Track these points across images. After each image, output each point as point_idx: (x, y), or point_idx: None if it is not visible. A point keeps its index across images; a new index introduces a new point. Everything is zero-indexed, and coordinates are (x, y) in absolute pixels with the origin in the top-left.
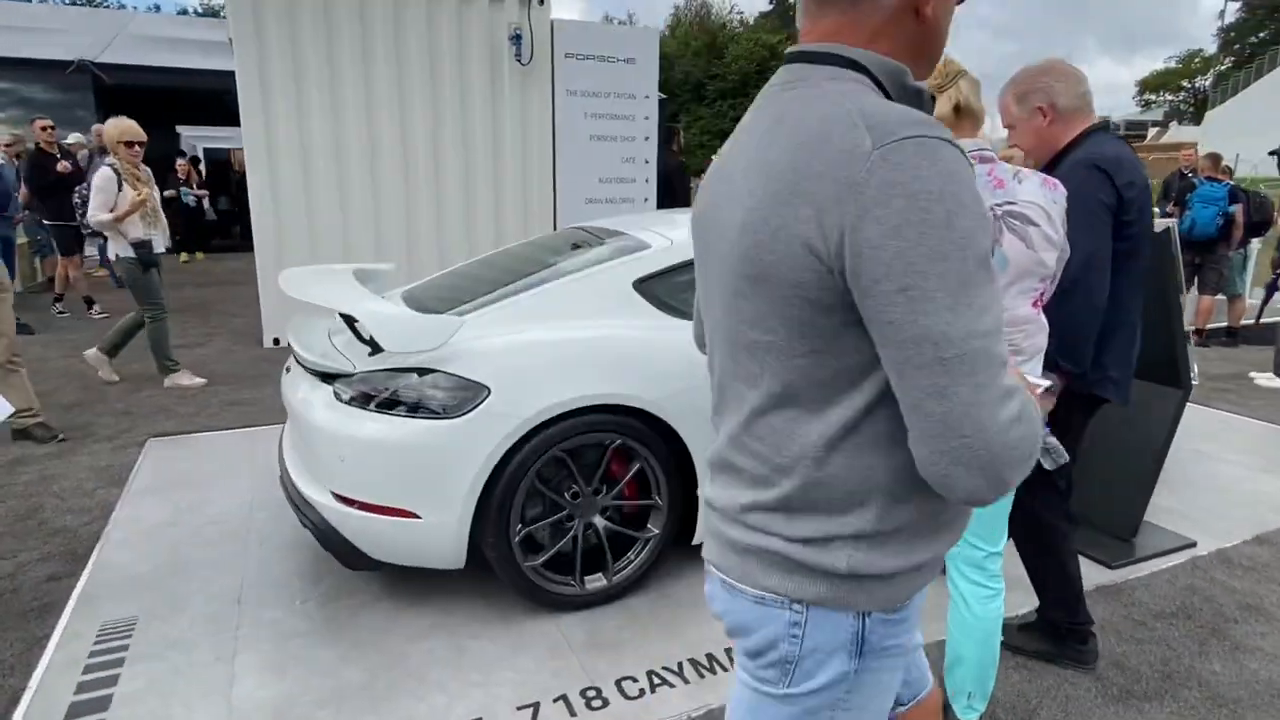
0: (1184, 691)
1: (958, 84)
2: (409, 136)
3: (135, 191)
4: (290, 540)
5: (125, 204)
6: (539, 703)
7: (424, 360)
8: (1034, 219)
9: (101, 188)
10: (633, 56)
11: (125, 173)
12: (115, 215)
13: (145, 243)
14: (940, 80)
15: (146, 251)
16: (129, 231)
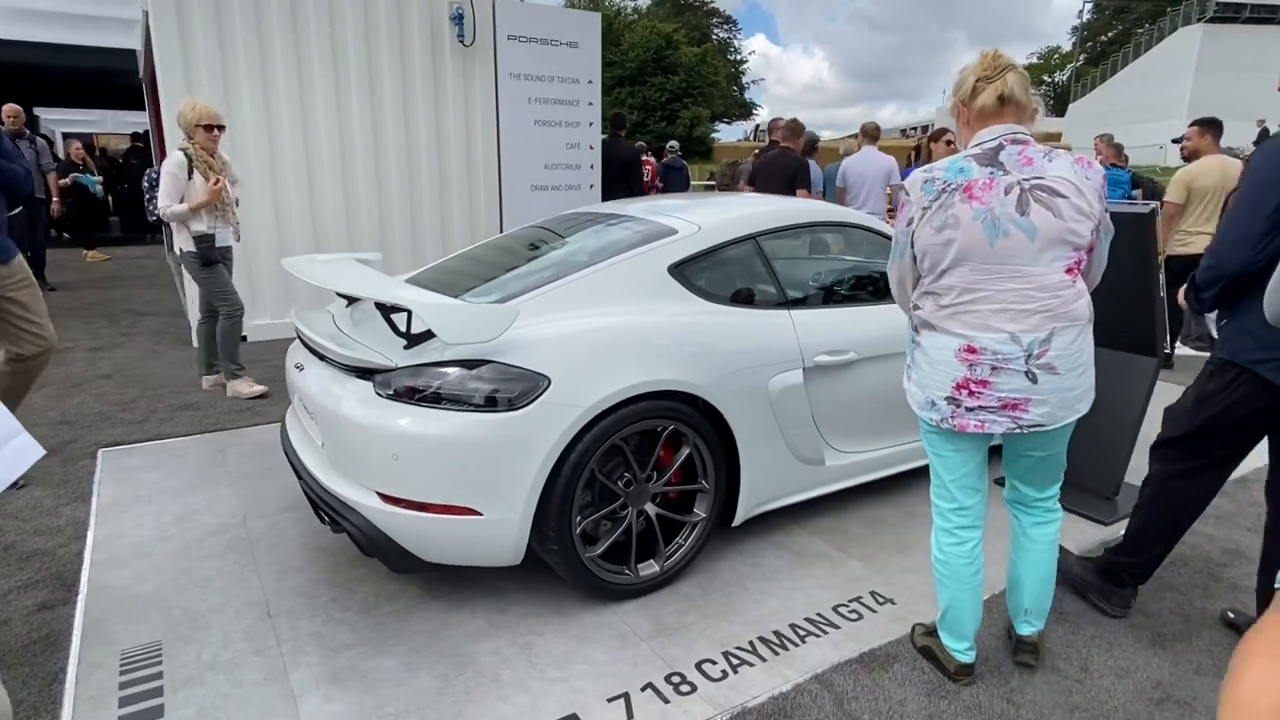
0: (1206, 631)
1: (1004, 77)
2: (345, 120)
3: (207, 180)
4: (302, 547)
5: (196, 193)
6: (628, 693)
7: (479, 351)
8: (1062, 191)
9: (172, 174)
10: (575, 40)
11: (198, 159)
12: (190, 206)
13: (207, 236)
14: (989, 73)
15: (207, 246)
16: (192, 224)
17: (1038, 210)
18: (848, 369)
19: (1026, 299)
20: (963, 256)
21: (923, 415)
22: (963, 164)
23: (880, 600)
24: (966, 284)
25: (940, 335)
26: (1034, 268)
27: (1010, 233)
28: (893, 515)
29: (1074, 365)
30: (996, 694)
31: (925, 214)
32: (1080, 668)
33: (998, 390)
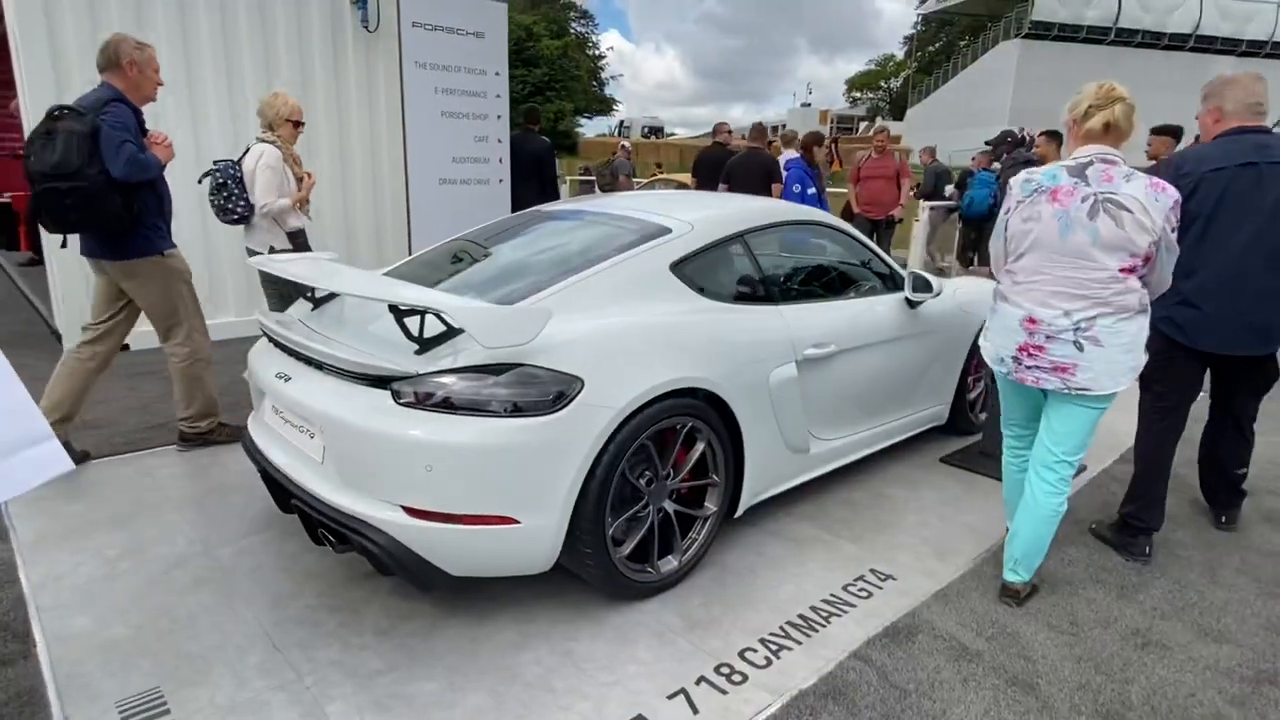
0: (1157, 581)
1: (1113, 107)
2: (238, 108)
3: (294, 174)
4: (285, 573)
5: (291, 188)
6: (685, 689)
7: (510, 354)
8: (1129, 207)
9: (275, 169)
10: (481, 30)
11: (286, 154)
12: (295, 199)
13: (301, 231)
14: (1101, 102)
15: (303, 240)
16: (289, 220)
17: (1103, 219)
18: (829, 360)
19: (1080, 285)
20: (1037, 244)
21: (994, 367)
22: (1056, 171)
23: (882, 577)
24: (1035, 267)
25: (1010, 306)
26: (1091, 263)
27: (1077, 232)
28: (865, 498)
29: (1117, 342)
30: (1013, 653)
31: (1019, 206)
32: (1070, 623)
33: (1050, 355)
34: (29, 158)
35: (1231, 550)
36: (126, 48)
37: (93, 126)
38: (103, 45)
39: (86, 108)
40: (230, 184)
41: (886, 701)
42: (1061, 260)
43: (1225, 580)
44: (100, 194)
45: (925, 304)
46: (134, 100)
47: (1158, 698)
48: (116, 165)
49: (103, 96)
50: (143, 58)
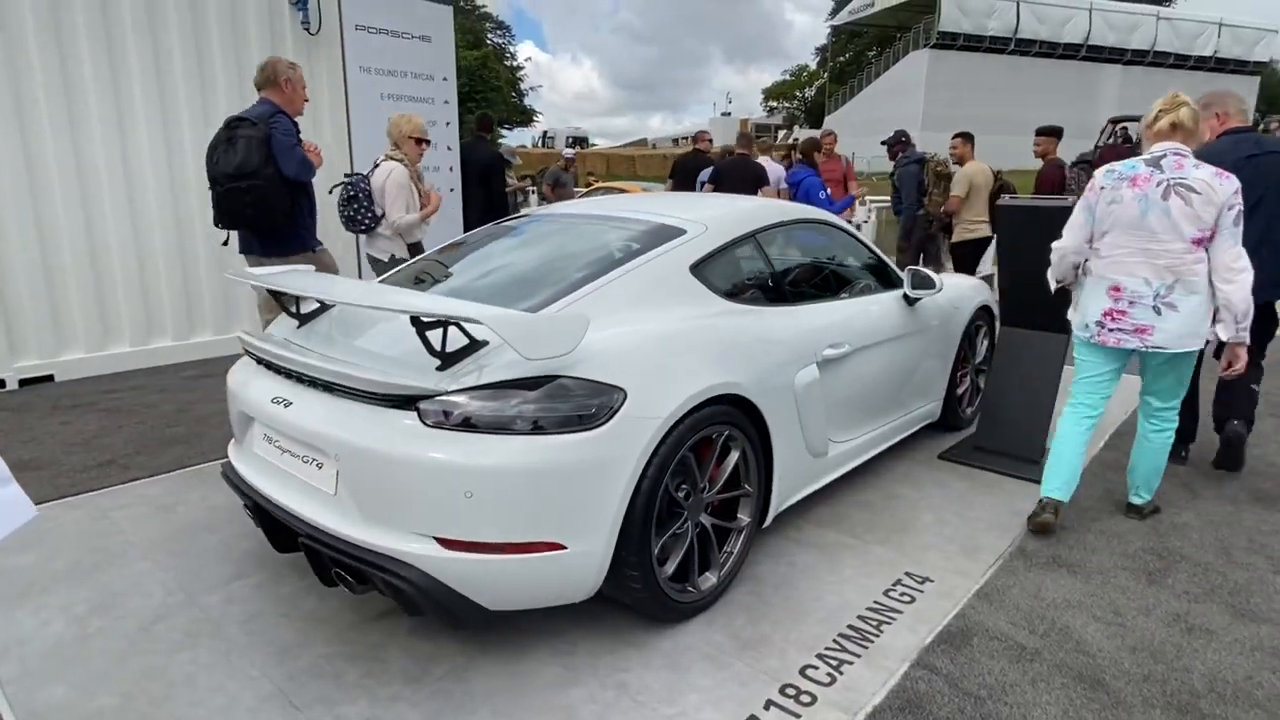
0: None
1: (1178, 110)
2: (170, 114)
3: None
4: (285, 620)
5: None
6: (754, 716)
7: (550, 366)
8: (1197, 190)
9: (405, 185)
10: (428, 34)
11: (411, 171)
12: (422, 215)
13: (419, 244)
14: (1169, 107)
15: (420, 252)
16: (414, 234)
17: (1175, 200)
18: (843, 361)
19: (1158, 256)
20: (1119, 223)
21: (1079, 333)
22: (1135, 163)
23: (919, 580)
24: (1118, 242)
25: (1097, 278)
26: (1166, 235)
27: (1153, 211)
28: (878, 499)
29: (1188, 309)
30: (1070, 649)
31: (1104, 192)
32: (1114, 613)
33: (1132, 319)
34: (214, 162)
35: (1235, 531)
36: (282, 67)
37: (265, 133)
38: (261, 65)
39: (256, 118)
40: (360, 197)
41: (965, 711)
42: (1140, 235)
43: (1241, 560)
44: (273, 192)
45: (921, 301)
46: (289, 112)
47: (1219, 683)
48: (290, 165)
49: (266, 110)
50: (295, 76)
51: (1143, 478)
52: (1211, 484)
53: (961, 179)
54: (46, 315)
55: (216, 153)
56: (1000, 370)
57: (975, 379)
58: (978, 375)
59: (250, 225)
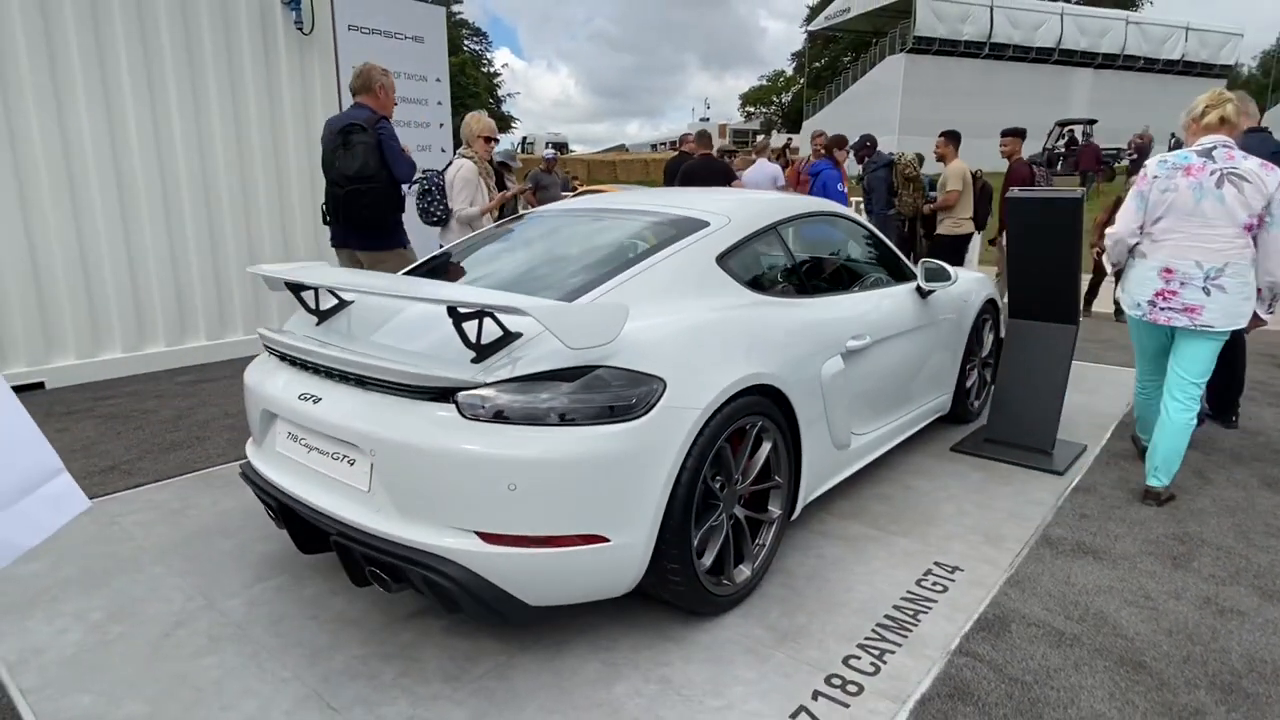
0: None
1: (1224, 106)
2: (160, 116)
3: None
4: (314, 621)
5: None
6: (804, 706)
7: (592, 356)
8: (1248, 179)
9: (470, 180)
10: (421, 35)
11: (480, 167)
12: (483, 209)
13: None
14: (1215, 103)
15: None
16: (479, 225)
17: (1228, 188)
18: (864, 353)
19: (1210, 240)
20: (1173, 209)
21: (1131, 312)
22: (1188, 154)
23: (948, 569)
24: (1172, 227)
25: (1149, 260)
26: (1219, 221)
27: (1208, 198)
28: (896, 491)
29: (1236, 291)
30: (1108, 634)
31: (1157, 180)
32: (1145, 597)
33: (1182, 299)
34: (332, 165)
35: (1252, 516)
36: (377, 74)
37: (376, 139)
38: (357, 72)
39: (366, 125)
40: (434, 191)
41: (1014, 696)
42: (1194, 221)
43: (1260, 543)
44: (386, 193)
45: (933, 294)
46: (385, 112)
47: (1259, 663)
48: (401, 169)
49: (371, 116)
50: (388, 83)
51: (1163, 459)
52: (1222, 471)
53: (954, 175)
54: (36, 321)
55: (335, 156)
56: (1010, 362)
57: (982, 372)
58: (984, 368)
59: (363, 223)
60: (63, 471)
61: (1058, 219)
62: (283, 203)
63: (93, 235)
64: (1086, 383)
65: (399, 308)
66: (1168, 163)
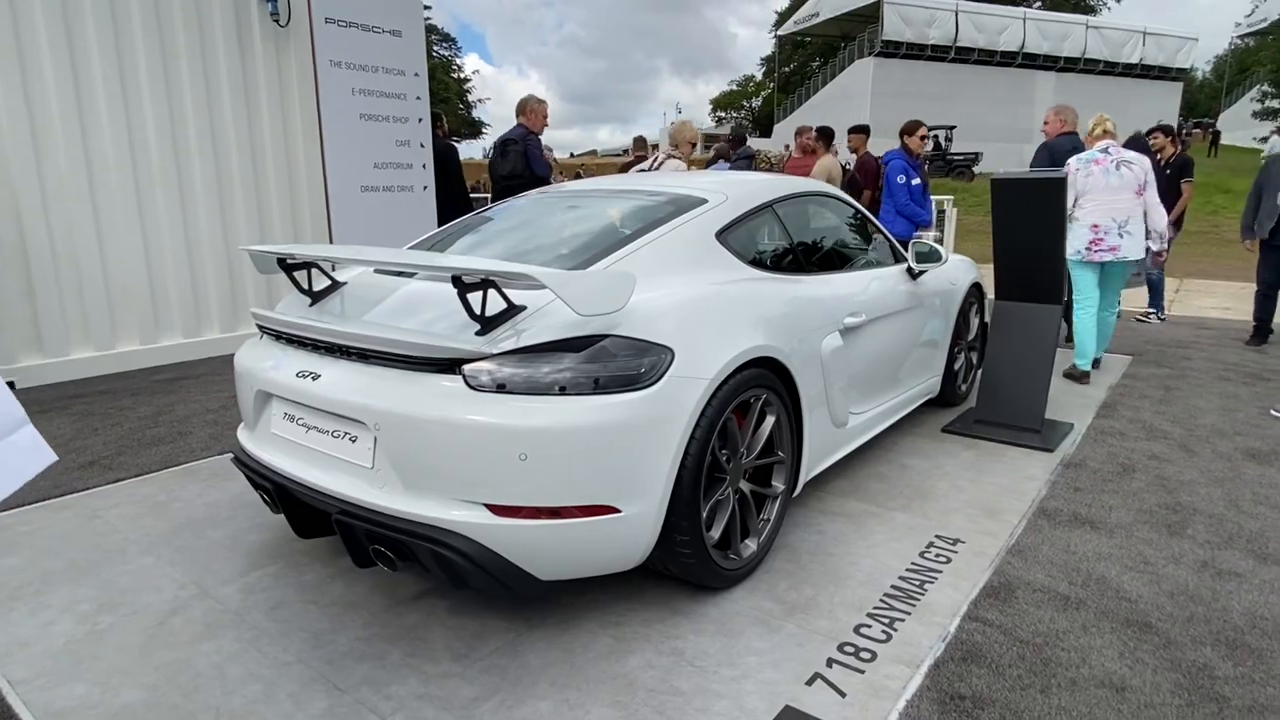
0: (1198, 502)
1: (1106, 124)
2: (134, 112)
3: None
4: (315, 605)
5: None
6: (819, 673)
7: (598, 325)
8: (1132, 163)
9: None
10: (399, 29)
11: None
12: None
13: None
14: (1100, 122)
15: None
16: None
17: (1123, 169)
18: (859, 331)
19: (1118, 204)
20: (1093, 188)
21: (1073, 257)
22: (1094, 153)
23: (949, 542)
24: (1094, 199)
25: (1082, 222)
26: (1122, 191)
27: (1112, 178)
28: (891, 470)
29: (1137, 233)
30: (1111, 597)
31: (1079, 171)
32: (1144, 563)
33: (1107, 243)
34: (494, 167)
35: (1239, 485)
36: (532, 102)
37: (524, 149)
38: (519, 102)
39: (518, 139)
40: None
41: (1025, 657)
42: (1107, 193)
43: (1250, 510)
44: (530, 187)
45: (923, 276)
46: (536, 131)
47: (1260, 620)
48: (540, 169)
49: (522, 132)
50: (539, 108)
51: (1093, 347)
52: (1206, 445)
53: (821, 170)
54: (4, 318)
55: (495, 160)
56: (997, 343)
57: (969, 355)
58: (970, 352)
59: None
60: (27, 423)
61: (1040, 200)
62: (260, 196)
63: (62, 229)
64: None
65: (394, 286)
66: (1083, 159)
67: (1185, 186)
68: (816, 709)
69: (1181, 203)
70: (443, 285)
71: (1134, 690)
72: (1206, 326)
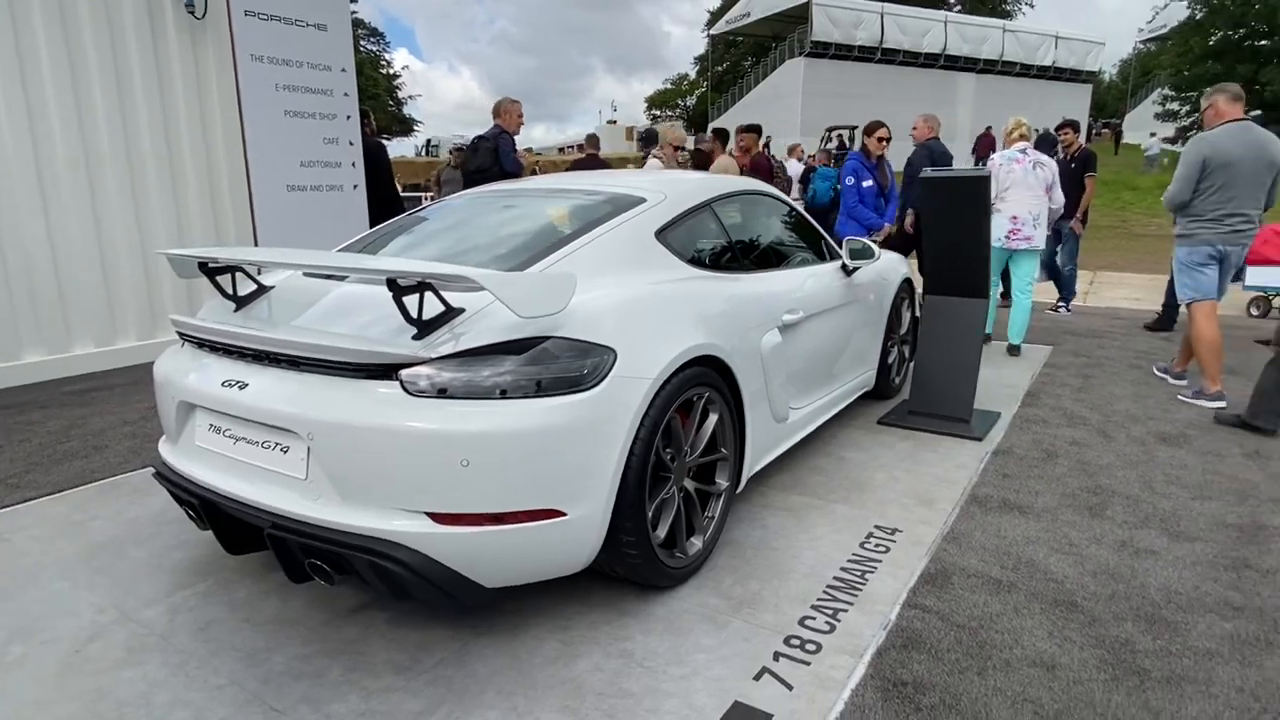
0: (1115, 485)
1: (1022, 127)
2: (35, 101)
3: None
4: (247, 624)
5: None
6: (766, 667)
7: (539, 327)
8: (1044, 164)
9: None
10: (324, 22)
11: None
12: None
13: None
14: (1016, 126)
15: None
16: None
17: (1038, 169)
18: (799, 326)
19: (1033, 199)
20: (1014, 183)
21: (995, 244)
22: (1014, 153)
23: (888, 531)
24: (1014, 193)
25: (1002, 213)
26: (1036, 188)
27: (1030, 177)
28: (829, 463)
29: (1042, 225)
30: (1040, 579)
31: (1002, 167)
32: (1070, 545)
33: (1023, 233)
34: (465, 163)
35: (1152, 468)
36: (506, 103)
37: (495, 145)
38: (495, 104)
39: (490, 137)
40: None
41: (962, 641)
42: (1024, 189)
43: (1162, 491)
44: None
45: (858, 272)
46: (510, 131)
47: (1174, 595)
48: (509, 164)
49: (495, 131)
50: (513, 109)
51: (1019, 328)
52: (1121, 430)
53: (718, 169)
54: None
55: (468, 155)
56: (928, 336)
57: (901, 349)
58: (902, 345)
59: None
60: None
61: (966, 197)
62: (178, 196)
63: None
64: (990, 357)
65: (325, 290)
66: (1005, 157)
67: (1088, 181)
68: (765, 703)
69: (1085, 198)
70: (376, 288)
71: (1063, 668)
72: (1119, 316)
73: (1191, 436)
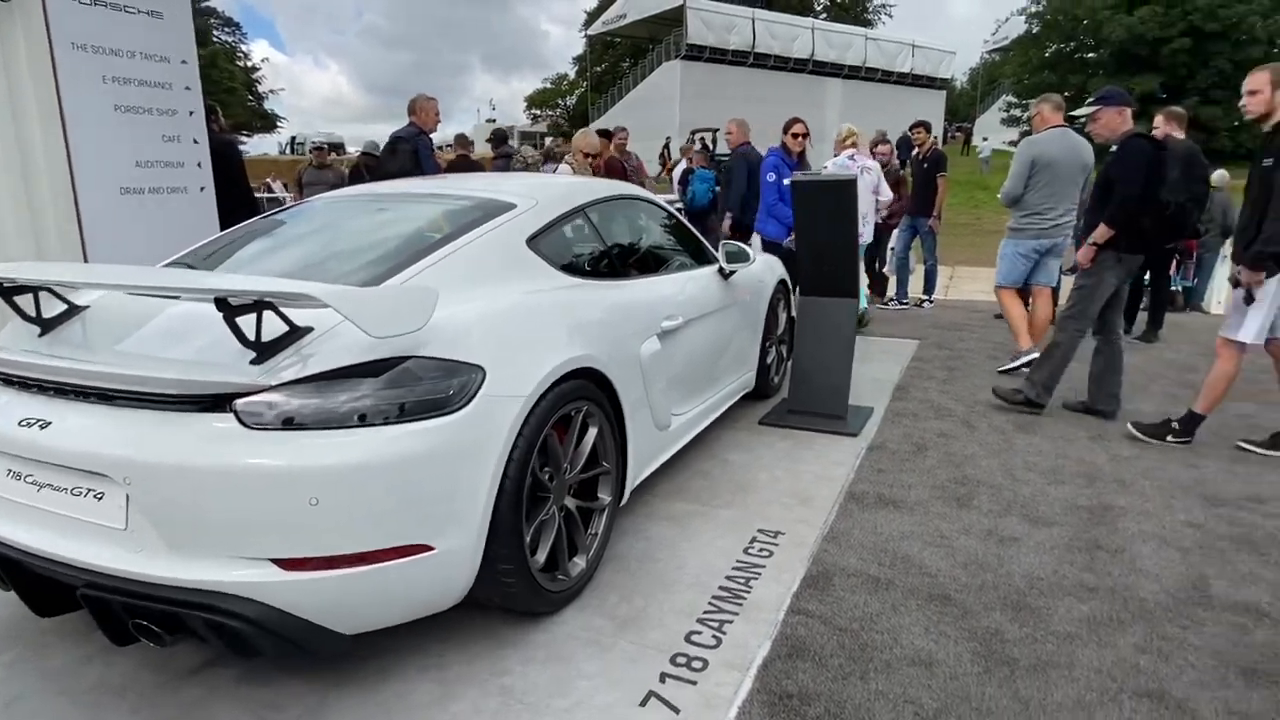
0: (981, 475)
1: (853, 136)
2: None
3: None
4: (63, 695)
5: None
6: (652, 691)
7: (397, 346)
8: (870, 168)
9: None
10: (158, 9)
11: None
12: None
13: None
14: (847, 134)
15: None
16: None
17: (866, 173)
18: (678, 332)
19: (863, 199)
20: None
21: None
22: (843, 159)
23: (771, 534)
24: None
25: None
26: (864, 191)
27: (860, 180)
28: (713, 467)
29: (870, 223)
30: (915, 574)
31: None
32: (940, 537)
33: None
34: (381, 165)
35: (1011, 455)
36: (421, 100)
37: (414, 148)
38: (410, 101)
39: (409, 138)
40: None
41: (845, 645)
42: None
43: (1022, 478)
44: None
45: (734, 276)
46: (426, 129)
47: (1037, 580)
48: (430, 168)
49: (413, 130)
50: (429, 105)
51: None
52: (983, 420)
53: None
54: None
55: (383, 159)
56: (804, 336)
57: (779, 349)
58: (780, 345)
59: None
60: None
61: (834, 200)
62: None
63: None
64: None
65: (151, 310)
66: (836, 163)
67: (940, 181)
68: None
69: (939, 197)
70: (211, 307)
71: (940, 664)
72: (977, 309)
73: (1044, 424)
